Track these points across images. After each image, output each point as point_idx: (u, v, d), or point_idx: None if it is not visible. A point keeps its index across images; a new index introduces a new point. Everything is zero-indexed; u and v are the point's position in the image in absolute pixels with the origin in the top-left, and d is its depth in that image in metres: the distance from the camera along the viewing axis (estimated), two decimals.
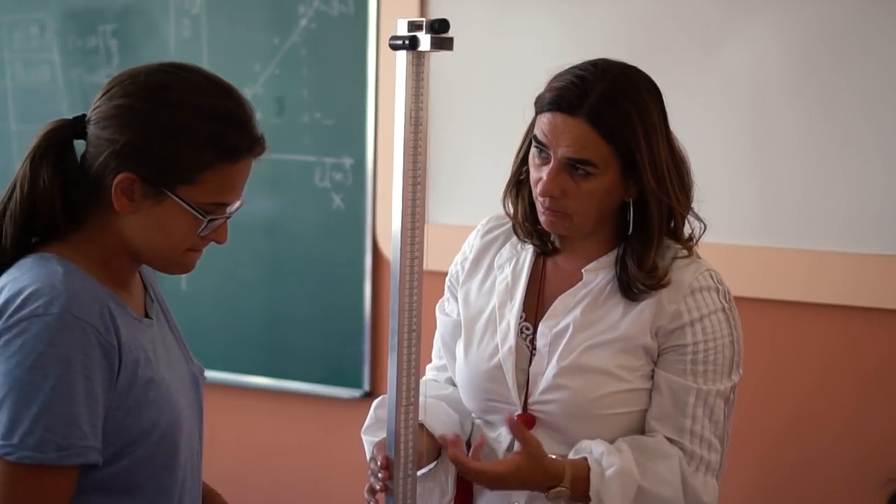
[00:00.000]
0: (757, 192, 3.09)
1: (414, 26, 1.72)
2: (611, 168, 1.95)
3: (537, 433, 2.00)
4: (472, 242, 2.20)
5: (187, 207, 1.70)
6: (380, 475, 1.84)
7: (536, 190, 1.99)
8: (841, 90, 3.00)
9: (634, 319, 2.00)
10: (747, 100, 3.09)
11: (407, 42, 1.72)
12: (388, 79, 3.50)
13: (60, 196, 1.71)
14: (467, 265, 2.18)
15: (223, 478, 3.96)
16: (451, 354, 2.19)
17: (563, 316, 2.04)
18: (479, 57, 3.35)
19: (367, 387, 3.66)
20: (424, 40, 1.72)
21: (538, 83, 2.01)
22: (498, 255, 2.14)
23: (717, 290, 2.01)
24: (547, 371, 2.02)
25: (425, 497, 2.10)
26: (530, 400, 2.03)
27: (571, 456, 1.98)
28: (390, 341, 1.78)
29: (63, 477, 1.62)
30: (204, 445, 1.89)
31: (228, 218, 1.76)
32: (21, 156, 1.73)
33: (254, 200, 1.76)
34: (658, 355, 2.01)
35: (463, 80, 3.34)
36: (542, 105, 1.98)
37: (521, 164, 2.07)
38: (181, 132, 1.69)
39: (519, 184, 2.09)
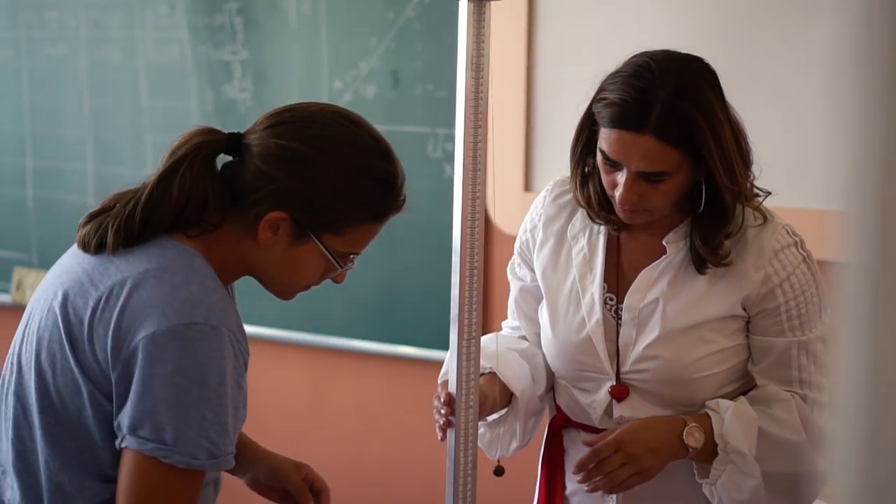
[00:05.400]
0: None
1: None
2: (683, 167, 1.95)
3: (633, 400, 2.06)
4: (539, 210, 2.21)
5: (327, 254, 1.78)
6: (443, 411, 1.91)
7: (612, 194, 2.00)
8: None
9: (721, 288, 2.02)
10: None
11: None
12: (498, 51, 3.56)
13: (214, 200, 1.74)
14: (538, 234, 2.19)
15: (339, 441, 4.07)
16: (525, 317, 2.25)
17: (648, 290, 2.06)
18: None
19: None
20: None
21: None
22: (570, 225, 2.16)
23: (796, 244, 2.03)
24: (637, 343, 2.06)
25: (496, 442, 2.17)
26: (623, 369, 2.07)
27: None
28: (452, 279, 1.85)
29: (201, 480, 1.67)
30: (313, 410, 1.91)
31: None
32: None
33: None
34: (750, 320, 2.04)
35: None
36: (604, 120, 1.96)
37: (582, 155, 2.07)
38: (346, 189, 1.75)
39: (585, 176, 2.08)
